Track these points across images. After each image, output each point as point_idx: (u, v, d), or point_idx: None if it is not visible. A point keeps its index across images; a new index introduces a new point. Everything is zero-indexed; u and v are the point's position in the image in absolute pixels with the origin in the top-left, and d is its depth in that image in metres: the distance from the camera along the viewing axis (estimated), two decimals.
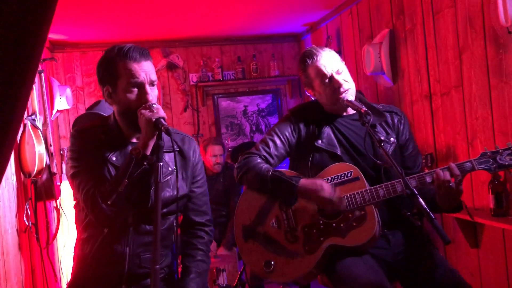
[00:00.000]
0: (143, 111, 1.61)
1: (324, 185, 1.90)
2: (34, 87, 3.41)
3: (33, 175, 3.20)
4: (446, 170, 1.79)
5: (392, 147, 2.03)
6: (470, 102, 2.69)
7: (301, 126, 2.10)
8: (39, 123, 3.36)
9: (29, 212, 3.23)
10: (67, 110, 4.50)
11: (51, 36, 4.32)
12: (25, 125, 3.22)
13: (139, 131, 1.68)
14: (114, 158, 1.69)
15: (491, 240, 2.65)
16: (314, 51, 2.07)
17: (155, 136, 1.59)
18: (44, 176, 3.37)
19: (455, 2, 2.73)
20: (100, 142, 1.71)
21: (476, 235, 2.75)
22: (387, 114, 2.09)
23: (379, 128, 2.05)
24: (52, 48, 4.63)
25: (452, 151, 2.87)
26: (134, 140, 1.76)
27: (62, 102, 4.10)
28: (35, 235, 3.29)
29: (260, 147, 2.09)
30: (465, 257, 2.88)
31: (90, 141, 1.71)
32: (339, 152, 2.01)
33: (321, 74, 2.03)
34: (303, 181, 1.94)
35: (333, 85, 2.01)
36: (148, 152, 1.61)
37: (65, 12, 3.56)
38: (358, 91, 2.16)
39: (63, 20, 3.82)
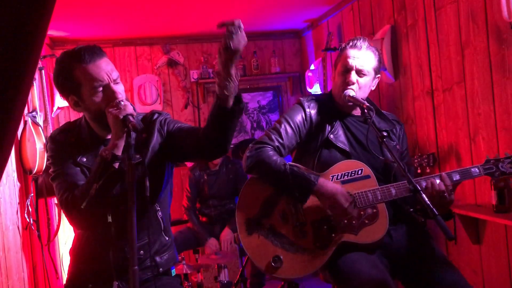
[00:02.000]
0: (110, 109, 1.57)
1: (344, 191, 1.89)
2: (34, 84, 3.40)
3: (34, 172, 3.19)
4: (439, 179, 1.84)
5: (398, 154, 2.05)
6: (472, 98, 2.67)
7: (313, 115, 2.08)
8: (40, 120, 3.35)
9: (30, 209, 3.23)
10: (67, 107, 4.49)
11: (52, 33, 4.31)
12: (26, 122, 3.22)
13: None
14: (84, 159, 1.67)
15: (494, 237, 2.64)
16: (360, 41, 2.05)
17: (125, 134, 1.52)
18: (45, 173, 3.36)
19: None
20: (71, 145, 1.69)
21: (478, 232, 2.74)
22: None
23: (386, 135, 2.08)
24: (52, 45, 4.62)
25: (454, 147, 2.86)
26: (109, 137, 1.71)
27: (62, 99, 4.09)
28: (36, 232, 3.29)
29: (273, 137, 2.03)
30: (467, 253, 2.87)
31: (62, 145, 1.69)
32: (348, 149, 2.00)
33: (344, 62, 2.04)
34: (322, 180, 1.91)
35: (345, 77, 2.01)
36: (120, 152, 1.56)
37: (65, 9, 3.55)
38: (368, 99, 2.16)
39: (64, 17, 3.81)
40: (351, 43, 2.05)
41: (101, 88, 1.60)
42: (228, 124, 1.53)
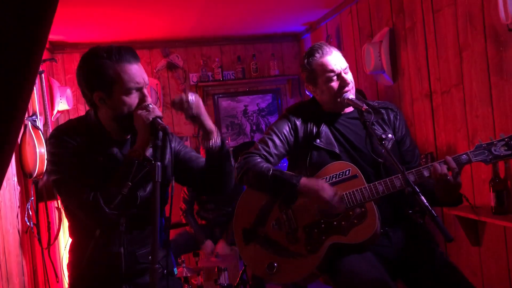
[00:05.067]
0: (139, 111, 1.58)
1: (325, 186, 1.91)
2: (34, 88, 3.41)
3: (34, 175, 3.20)
4: (443, 164, 1.81)
5: (390, 143, 2.02)
6: (470, 100, 2.68)
7: (299, 125, 2.10)
8: (40, 124, 3.36)
9: (30, 213, 3.23)
10: (67, 110, 4.50)
11: (51, 37, 4.32)
12: (25, 126, 3.22)
13: (131, 132, 1.66)
14: (101, 159, 1.65)
15: (493, 238, 2.65)
16: (325, 46, 2.05)
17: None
18: (45, 177, 3.37)
19: (455, 0, 2.73)
20: (82, 144, 1.64)
21: (478, 233, 2.75)
22: (383, 111, 2.10)
23: (376, 126, 2.05)
24: (52, 49, 4.63)
25: (453, 149, 2.87)
26: (127, 138, 1.72)
27: (62, 103, 4.10)
28: (37, 236, 3.29)
29: (260, 147, 2.08)
30: (466, 255, 2.88)
31: (71, 143, 1.63)
32: (337, 151, 2.01)
33: (329, 69, 2.01)
34: (304, 181, 1.94)
35: (340, 83, 2.01)
36: (147, 153, 1.59)
37: (64, 13, 3.56)
38: (358, 90, 2.16)
39: (63, 21, 3.82)
40: (319, 54, 2.03)
41: (134, 90, 1.61)
42: (219, 166, 1.73)
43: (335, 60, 2.03)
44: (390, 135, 2.05)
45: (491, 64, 2.50)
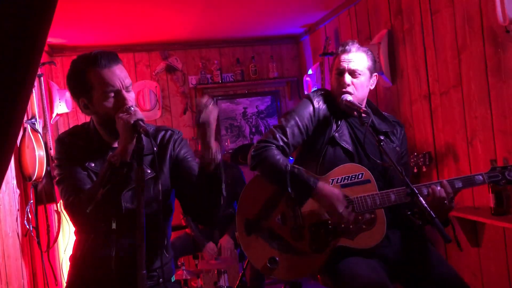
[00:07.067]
0: (120, 114, 1.56)
1: (340, 197, 1.89)
2: (33, 90, 3.41)
3: (33, 178, 3.20)
4: (441, 186, 1.84)
5: (396, 156, 2.06)
6: (469, 101, 2.69)
7: (322, 111, 2.08)
8: (39, 126, 3.36)
9: (29, 216, 3.23)
10: (66, 113, 4.50)
11: (50, 40, 4.33)
12: (25, 129, 3.23)
13: (118, 137, 1.65)
14: (93, 165, 1.66)
15: (492, 239, 2.65)
16: (350, 44, 2.09)
17: (135, 140, 1.54)
18: (45, 180, 3.37)
19: (453, 2, 2.74)
20: (79, 148, 1.69)
21: (477, 234, 2.75)
22: (394, 123, 2.16)
23: (385, 137, 2.08)
24: (51, 52, 4.63)
25: (452, 150, 2.87)
26: (116, 145, 1.72)
27: (61, 106, 4.10)
28: (36, 239, 3.29)
29: (278, 136, 2.02)
30: (466, 256, 2.88)
31: (70, 147, 1.69)
32: (351, 149, 2.02)
33: (337, 65, 2.08)
34: (321, 185, 1.92)
35: (339, 80, 2.04)
36: (128, 157, 1.56)
37: (64, 16, 3.56)
38: (367, 101, 2.19)
39: (62, 24, 3.83)
40: (341, 48, 2.09)
41: (112, 94, 1.60)
42: (208, 189, 1.65)
43: (348, 58, 2.06)
44: (398, 148, 2.09)
45: (489, 65, 2.50)
